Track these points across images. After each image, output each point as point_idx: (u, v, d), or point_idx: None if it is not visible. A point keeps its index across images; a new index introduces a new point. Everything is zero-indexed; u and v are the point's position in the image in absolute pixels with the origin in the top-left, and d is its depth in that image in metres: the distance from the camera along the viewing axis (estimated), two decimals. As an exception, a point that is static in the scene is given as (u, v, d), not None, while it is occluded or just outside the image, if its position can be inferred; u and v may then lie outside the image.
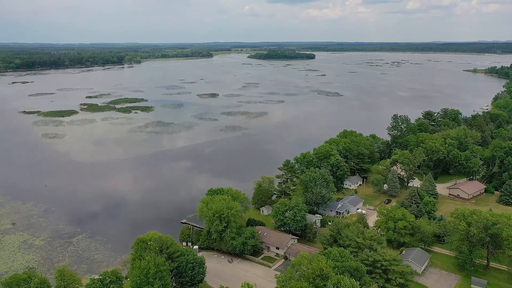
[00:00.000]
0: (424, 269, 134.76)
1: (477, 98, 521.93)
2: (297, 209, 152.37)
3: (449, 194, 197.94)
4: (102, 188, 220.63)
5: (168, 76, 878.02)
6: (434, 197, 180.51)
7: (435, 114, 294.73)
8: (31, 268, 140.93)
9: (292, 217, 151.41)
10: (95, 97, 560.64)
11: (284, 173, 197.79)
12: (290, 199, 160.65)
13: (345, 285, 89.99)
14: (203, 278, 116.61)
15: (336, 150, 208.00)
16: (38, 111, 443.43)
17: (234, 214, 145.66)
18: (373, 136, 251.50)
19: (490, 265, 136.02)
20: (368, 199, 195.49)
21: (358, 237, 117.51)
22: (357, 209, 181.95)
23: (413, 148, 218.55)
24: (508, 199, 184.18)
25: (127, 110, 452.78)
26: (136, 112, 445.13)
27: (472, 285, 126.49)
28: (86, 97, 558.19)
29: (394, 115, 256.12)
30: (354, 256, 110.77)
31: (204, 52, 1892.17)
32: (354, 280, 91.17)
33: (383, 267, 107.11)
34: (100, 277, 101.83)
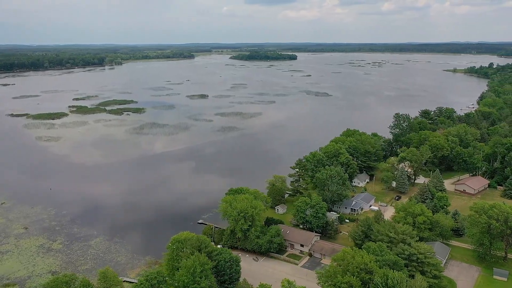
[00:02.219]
0: (445, 262, 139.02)
1: (461, 97, 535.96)
2: (318, 206, 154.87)
3: (455, 189, 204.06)
4: (109, 190, 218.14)
5: (153, 78, 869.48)
6: (443, 192, 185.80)
7: (431, 113, 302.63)
8: (54, 272, 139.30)
9: (314, 215, 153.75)
10: (83, 99, 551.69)
11: (296, 172, 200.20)
12: (310, 197, 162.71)
13: (393, 278, 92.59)
14: (240, 276, 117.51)
15: (345, 149, 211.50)
16: (27, 114, 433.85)
17: (258, 213, 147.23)
18: (375, 135, 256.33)
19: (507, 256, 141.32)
20: (378, 196, 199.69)
21: (390, 232, 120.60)
22: (370, 206, 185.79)
23: (416, 146, 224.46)
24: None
25: (118, 112, 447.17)
26: (128, 114, 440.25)
27: (494, 276, 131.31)
28: (73, 99, 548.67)
29: (396, 114, 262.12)
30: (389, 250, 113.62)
31: (185, 53, 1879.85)
32: (401, 273, 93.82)
33: (419, 260, 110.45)
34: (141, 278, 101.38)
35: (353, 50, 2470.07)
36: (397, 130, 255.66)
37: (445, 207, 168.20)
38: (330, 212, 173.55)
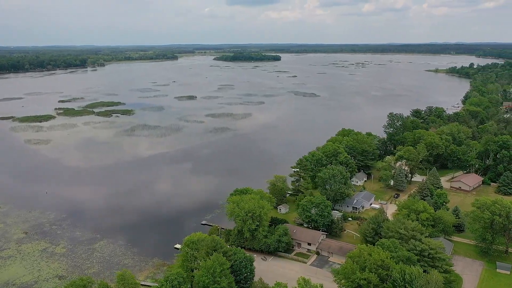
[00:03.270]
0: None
1: (445, 96, 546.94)
2: (323, 205, 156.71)
3: (451, 187, 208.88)
4: (107, 192, 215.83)
5: (138, 79, 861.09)
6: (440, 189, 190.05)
7: (422, 112, 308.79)
8: (61, 276, 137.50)
9: (320, 213, 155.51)
10: (68, 101, 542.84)
11: (297, 172, 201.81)
12: (312, 196, 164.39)
13: (411, 274, 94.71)
14: (254, 275, 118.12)
15: (343, 148, 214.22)
16: (12, 117, 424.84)
17: (266, 213, 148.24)
18: (369, 134, 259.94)
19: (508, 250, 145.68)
20: (377, 194, 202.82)
21: (400, 229, 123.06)
22: (370, 204, 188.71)
23: (411, 145, 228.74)
24: (506, 189, 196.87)
25: (107, 114, 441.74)
26: (117, 116, 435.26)
27: (497, 269, 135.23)
28: (59, 101, 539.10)
29: (390, 113, 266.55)
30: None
31: (168, 54, 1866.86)
32: (418, 268, 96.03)
33: (430, 256, 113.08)
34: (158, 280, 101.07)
35: (335, 51, 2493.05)
36: (391, 129, 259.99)
37: (444, 204, 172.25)
38: (332, 210, 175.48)
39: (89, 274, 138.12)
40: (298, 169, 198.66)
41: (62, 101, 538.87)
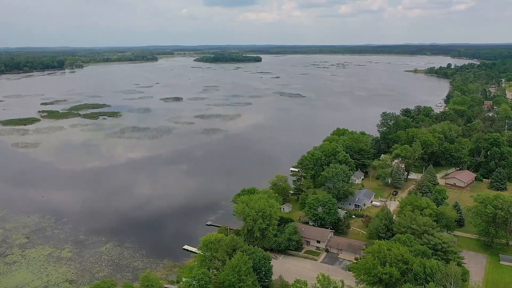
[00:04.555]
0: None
1: (427, 96, 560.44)
2: (330, 203, 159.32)
3: (446, 183, 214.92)
4: (105, 195, 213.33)
5: (120, 81, 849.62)
6: (435, 186, 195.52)
7: (412, 111, 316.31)
8: (72, 280, 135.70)
9: (327, 211, 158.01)
10: (51, 103, 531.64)
11: (296, 172, 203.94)
12: (317, 195, 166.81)
13: (431, 266, 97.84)
14: (272, 273, 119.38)
15: (341, 147, 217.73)
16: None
17: (275, 212, 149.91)
18: (363, 133, 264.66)
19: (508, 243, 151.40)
20: (376, 192, 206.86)
21: (412, 224, 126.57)
22: (371, 202, 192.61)
23: (405, 143, 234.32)
24: (499, 185, 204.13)
25: (93, 116, 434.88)
26: (104, 118, 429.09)
27: (501, 261, 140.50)
28: (42, 103, 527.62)
29: (384, 113, 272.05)
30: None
31: (148, 55, 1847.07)
32: (437, 261, 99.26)
33: (443, 249, 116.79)
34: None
35: (314, 52, 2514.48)
36: (384, 128, 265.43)
37: (444, 200, 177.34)
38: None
39: (100, 277, 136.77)
40: (299, 169, 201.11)
41: (45, 104, 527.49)
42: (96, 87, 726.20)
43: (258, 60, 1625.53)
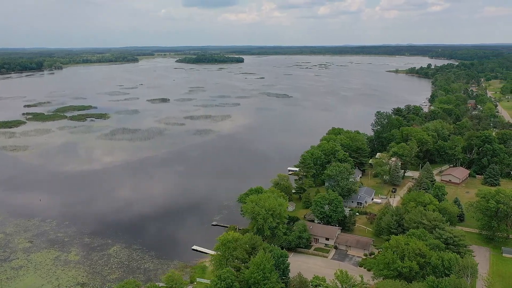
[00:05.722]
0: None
1: (411, 95, 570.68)
2: (336, 201, 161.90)
3: (442, 180, 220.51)
4: (105, 196, 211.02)
5: (102, 82, 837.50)
6: (432, 183, 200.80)
7: (403, 110, 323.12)
8: (83, 284, 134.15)
9: (334, 209, 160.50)
10: (35, 105, 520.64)
11: (295, 171, 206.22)
12: (320, 193, 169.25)
13: (449, 259, 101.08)
14: (290, 270, 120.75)
15: (340, 146, 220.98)
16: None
17: (284, 210, 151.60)
18: (357, 132, 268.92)
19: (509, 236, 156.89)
20: (375, 189, 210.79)
21: (423, 219, 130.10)
22: (372, 199, 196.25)
23: (399, 141, 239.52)
24: (492, 181, 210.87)
25: (81, 118, 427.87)
26: (92, 120, 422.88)
27: (503, 254, 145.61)
28: (25, 106, 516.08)
29: (378, 112, 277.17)
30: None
31: (128, 56, 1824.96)
32: (455, 254, 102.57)
33: (455, 243, 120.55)
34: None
35: (295, 52, 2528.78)
36: (378, 127, 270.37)
37: (443, 195, 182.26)
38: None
39: (112, 280, 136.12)
40: (300, 168, 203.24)
41: (28, 106, 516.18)
42: (79, 88, 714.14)
43: (240, 61, 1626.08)
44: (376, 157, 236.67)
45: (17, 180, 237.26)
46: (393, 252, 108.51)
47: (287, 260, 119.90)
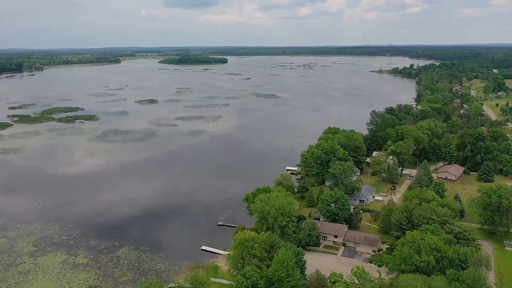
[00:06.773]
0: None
1: (397, 95, 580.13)
2: (343, 199, 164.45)
3: (438, 177, 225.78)
4: (105, 198, 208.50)
5: (87, 83, 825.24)
6: (430, 180, 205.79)
7: (395, 109, 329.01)
8: (95, 286, 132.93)
9: (341, 207, 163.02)
10: (20, 107, 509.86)
11: (301, 169, 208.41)
12: (323, 192, 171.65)
13: (465, 253, 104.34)
14: (306, 267, 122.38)
15: (339, 145, 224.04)
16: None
17: (293, 208, 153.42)
18: (353, 132, 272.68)
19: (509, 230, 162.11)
20: (375, 187, 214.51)
21: (432, 215, 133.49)
22: (373, 197, 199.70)
23: (395, 140, 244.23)
24: (487, 177, 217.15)
25: (69, 120, 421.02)
26: (81, 122, 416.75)
27: (506, 247, 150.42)
28: (9, 108, 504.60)
29: (373, 111, 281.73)
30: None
31: (110, 57, 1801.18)
32: (470, 248, 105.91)
33: (465, 237, 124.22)
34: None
35: (278, 53, 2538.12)
36: (373, 126, 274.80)
37: (443, 192, 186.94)
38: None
39: (124, 281, 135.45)
40: (301, 167, 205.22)
41: (13, 108, 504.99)
42: (64, 90, 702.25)
43: (224, 61, 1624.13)
44: (373, 155, 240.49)
45: (12, 184, 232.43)
46: (410, 247, 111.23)
47: (303, 257, 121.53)
